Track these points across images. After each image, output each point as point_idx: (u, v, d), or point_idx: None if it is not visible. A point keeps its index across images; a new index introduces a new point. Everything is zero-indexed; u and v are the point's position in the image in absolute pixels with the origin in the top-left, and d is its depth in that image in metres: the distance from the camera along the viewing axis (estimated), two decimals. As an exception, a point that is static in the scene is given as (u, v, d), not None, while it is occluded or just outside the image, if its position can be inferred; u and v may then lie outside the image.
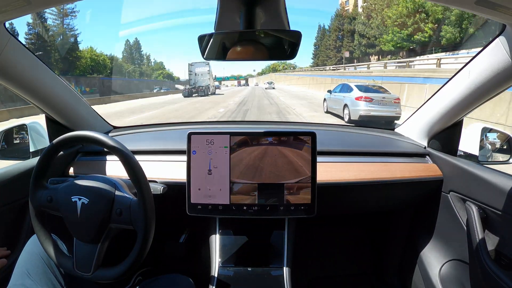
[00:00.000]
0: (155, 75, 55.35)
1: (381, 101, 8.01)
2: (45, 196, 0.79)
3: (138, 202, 0.75)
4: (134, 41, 48.11)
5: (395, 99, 8.24)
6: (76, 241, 0.78)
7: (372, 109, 7.88)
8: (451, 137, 1.12)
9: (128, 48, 47.11)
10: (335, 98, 9.51)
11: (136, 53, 49.28)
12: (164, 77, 58.61)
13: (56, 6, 1.71)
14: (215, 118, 10.21)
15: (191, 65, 23.43)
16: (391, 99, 8.17)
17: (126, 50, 46.99)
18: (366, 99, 7.96)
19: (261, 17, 0.76)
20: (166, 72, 60.44)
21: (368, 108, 7.89)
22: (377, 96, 8.12)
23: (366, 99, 7.96)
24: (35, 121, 1.22)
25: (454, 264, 1.07)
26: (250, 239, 1.06)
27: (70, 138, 0.79)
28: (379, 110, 7.90)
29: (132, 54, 47.56)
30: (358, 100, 8.03)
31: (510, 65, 0.77)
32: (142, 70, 49.03)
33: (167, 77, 59.85)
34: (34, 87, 0.97)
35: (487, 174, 0.93)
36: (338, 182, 1.06)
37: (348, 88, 8.87)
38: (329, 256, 1.55)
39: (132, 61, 46.94)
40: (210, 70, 23.59)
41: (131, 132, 1.40)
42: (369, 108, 7.89)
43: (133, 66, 43.88)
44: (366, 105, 7.91)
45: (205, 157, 0.93)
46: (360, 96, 8.09)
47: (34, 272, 0.82)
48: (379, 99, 8.03)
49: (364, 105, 7.92)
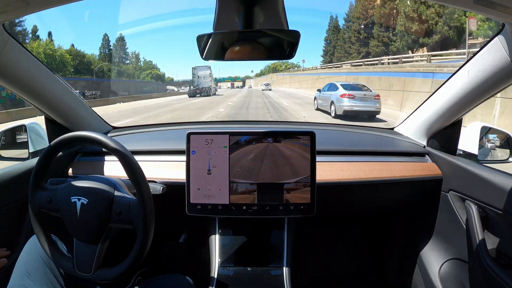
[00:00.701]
0: (143, 75, 49.40)
1: (362, 97, 9.15)
2: (45, 197, 0.79)
3: (137, 201, 0.75)
4: (118, 37, 41.62)
5: (375, 96, 9.38)
6: (76, 242, 0.78)
7: (355, 105, 9.00)
8: (450, 136, 1.12)
9: (105, 43, 40.22)
10: (324, 96, 10.59)
11: (120, 51, 42.92)
12: (153, 77, 52.98)
13: (55, 7, 1.70)
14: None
15: (195, 69, 26.13)
16: (371, 95, 9.32)
17: (104, 46, 39.92)
18: (349, 96, 9.07)
19: (260, 17, 0.76)
20: (155, 71, 54.68)
21: (351, 104, 9.00)
22: (359, 93, 9.26)
23: (349, 96, 9.07)
24: (35, 122, 1.22)
25: (454, 263, 1.07)
26: (249, 238, 1.06)
27: (69, 138, 0.79)
28: (360, 105, 9.03)
29: (111, 51, 40.79)
30: (343, 97, 9.14)
31: (509, 64, 0.77)
32: (122, 69, 41.52)
33: (155, 78, 54.34)
34: (33, 87, 0.97)
35: (487, 173, 0.93)
36: (337, 182, 1.06)
37: (334, 87, 9.97)
38: (329, 256, 1.55)
39: (110, 59, 39.62)
40: (211, 73, 26.07)
41: (130, 132, 1.40)
42: (352, 104, 9.00)
43: (104, 63, 36.24)
44: (349, 101, 9.01)
45: (205, 157, 0.93)
46: (344, 93, 9.19)
47: (34, 272, 0.82)
48: (361, 96, 9.18)
49: (348, 101, 9.02)
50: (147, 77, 49.30)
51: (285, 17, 0.80)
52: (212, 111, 12.65)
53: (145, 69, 50.62)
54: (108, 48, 39.83)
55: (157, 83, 52.19)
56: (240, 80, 68.35)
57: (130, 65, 44.49)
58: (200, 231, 1.18)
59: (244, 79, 69.27)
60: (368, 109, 9.14)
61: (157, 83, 52.19)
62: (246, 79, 68.71)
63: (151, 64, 54.39)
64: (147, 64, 53.09)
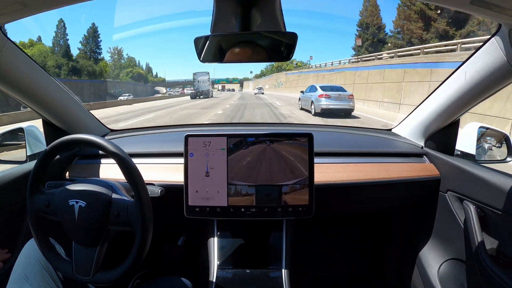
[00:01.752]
0: (122, 74, 42.07)
1: (337, 97, 10.42)
2: (43, 201, 0.79)
3: (135, 203, 0.75)
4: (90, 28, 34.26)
5: (349, 95, 10.75)
6: (75, 245, 0.78)
7: (331, 104, 10.29)
8: (448, 136, 1.13)
9: (61, 32, 31.25)
10: (305, 97, 11.91)
11: (91, 43, 34.62)
12: (133, 77, 44.37)
13: (52, 9, 1.69)
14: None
15: (195, 74, 29.67)
16: (345, 95, 10.68)
17: (59, 35, 30.96)
18: (325, 96, 10.34)
19: (257, 19, 0.77)
20: (137, 70, 45.65)
21: (327, 102, 10.28)
22: (334, 93, 10.54)
23: (325, 96, 10.34)
24: (32, 125, 1.21)
25: (453, 263, 1.07)
26: (248, 240, 1.06)
27: (67, 141, 0.79)
28: (335, 104, 10.32)
29: (67, 41, 32.13)
30: (320, 97, 10.39)
31: (505, 64, 0.78)
32: (79, 65, 31.12)
33: (136, 77, 45.13)
34: (31, 90, 0.97)
35: (484, 173, 0.93)
36: (335, 183, 1.06)
37: (314, 89, 11.32)
38: (328, 257, 1.55)
39: (67, 52, 31.39)
40: (209, 78, 29.78)
41: (128, 135, 1.39)
42: (328, 102, 10.28)
43: (57, 57, 28.62)
44: (326, 101, 10.31)
45: (203, 159, 0.93)
46: (321, 94, 10.44)
47: (32, 276, 0.81)
48: (336, 96, 10.45)
49: (324, 101, 10.31)
50: (125, 77, 42.32)
51: (282, 19, 0.80)
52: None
53: (126, 66, 43.87)
54: (64, 38, 32.23)
55: (137, 84, 44.59)
56: (238, 82, 63.71)
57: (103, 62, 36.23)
58: (199, 234, 1.18)
59: (242, 81, 64.89)
60: (343, 107, 10.39)
61: (137, 84, 44.59)
62: (244, 81, 64.69)
63: (133, 61, 46.65)
64: (129, 61, 45.65)
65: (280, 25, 0.81)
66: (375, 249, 1.51)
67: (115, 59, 42.92)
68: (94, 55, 35.82)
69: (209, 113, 12.80)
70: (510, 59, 0.76)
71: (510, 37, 0.73)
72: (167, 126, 1.55)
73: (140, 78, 46.72)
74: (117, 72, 42.05)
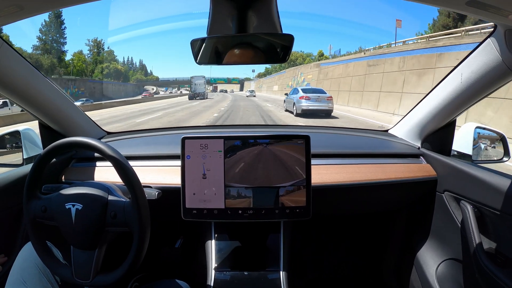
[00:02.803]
0: (98, 70, 35.35)
1: (317, 99, 11.26)
2: (39, 206, 0.79)
3: (131, 203, 0.75)
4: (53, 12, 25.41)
5: (328, 97, 11.64)
6: (74, 249, 0.78)
7: (310, 105, 11.09)
8: (444, 137, 1.13)
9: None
10: (289, 99, 12.87)
11: (54, 30, 27.89)
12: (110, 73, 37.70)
13: (48, 12, 1.68)
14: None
15: (192, 78, 32.36)
16: (324, 97, 11.55)
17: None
18: (306, 98, 11.22)
19: (253, 21, 0.77)
20: (114, 65, 38.56)
21: (307, 104, 11.10)
22: (314, 95, 11.38)
23: (306, 98, 11.22)
24: (29, 128, 1.21)
25: (451, 263, 1.07)
26: (246, 242, 1.06)
27: (63, 144, 0.79)
28: (315, 105, 11.14)
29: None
30: (301, 99, 11.28)
31: (501, 65, 0.78)
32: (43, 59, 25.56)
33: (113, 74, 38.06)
34: (27, 93, 0.96)
35: (481, 173, 0.93)
36: (332, 184, 1.06)
37: (297, 91, 12.20)
38: (326, 258, 1.55)
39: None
40: (205, 81, 32.62)
41: (125, 137, 1.39)
42: (308, 104, 11.10)
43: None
44: (306, 102, 11.16)
45: (199, 161, 0.93)
46: (302, 96, 11.37)
47: (30, 280, 0.81)
48: (315, 98, 11.28)
49: (305, 102, 11.16)
50: (98, 74, 35.73)
51: (278, 21, 0.80)
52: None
53: (101, 61, 37.10)
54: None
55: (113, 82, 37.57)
56: (238, 82, 62.32)
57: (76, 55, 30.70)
58: (196, 236, 1.17)
59: (242, 81, 63.08)
60: (322, 108, 11.25)
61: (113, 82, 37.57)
62: (245, 81, 62.68)
63: (112, 55, 39.74)
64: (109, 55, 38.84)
65: (276, 27, 0.81)
66: (373, 250, 1.51)
67: (94, 53, 36.88)
68: (57, 46, 29.86)
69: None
70: (505, 60, 0.77)
71: (505, 38, 0.74)
72: (164, 128, 1.54)
73: (118, 75, 39.52)
74: (92, 68, 35.07)
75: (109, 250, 0.81)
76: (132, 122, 11.68)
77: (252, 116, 12.66)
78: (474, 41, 10.43)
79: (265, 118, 11.75)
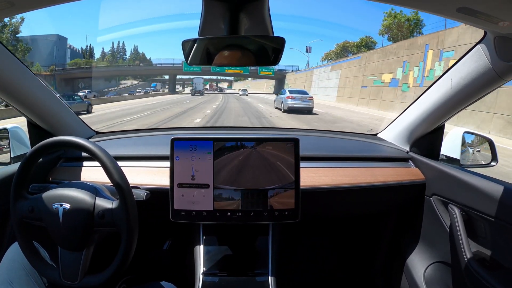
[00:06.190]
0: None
1: (300, 98, 13.56)
2: (26, 206, 0.78)
3: (119, 203, 0.75)
4: None
5: (309, 97, 14.03)
6: (61, 251, 0.77)
7: (294, 103, 13.36)
8: (433, 141, 1.15)
9: None
10: (279, 98, 15.28)
11: None
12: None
13: (39, 8, 1.65)
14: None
15: (193, 78, 41.74)
16: (306, 97, 13.90)
17: None
18: (291, 98, 13.56)
19: (245, 23, 0.77)
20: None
21: (292, 102, 13.42)
22: (298, 95, 13.76)
23: (291, 98, 13.56)
24: (17, 126, 1.18)
25: (439, 266, 1.08)
26: (234, 245, 1.05)
27: (51, 143, 0.78)
28: (298, 103, 13.37)
29: None
30: (288, 98, 13.58)
31: (490, 71, 0.80)
32: None
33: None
34: (16, 90, 0.95)
35: (469, 178, 0.95)
36: (321, 187, 1.06)
37: (285, 92, 14.57)
38: (315, 261, 1.55)
39: None
40: (203, 81, 41.51)
41: (114, 137, 1.37)
42: (292, 102, 13.42)
43: None
44: (291, 101, 13.48)
45: (189, 163, 0.92)
46: (288, 95, 13.72)
47: (16, 281, 0.80)
48: (299, 97, 13.60)
49: (290, 101, 13.48)
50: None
51: (270, 23, 0.81)
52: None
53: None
54: None
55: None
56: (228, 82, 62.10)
57: None
58: (185, 238, 1.16)
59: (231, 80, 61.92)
60: (304, 106, 13.37)
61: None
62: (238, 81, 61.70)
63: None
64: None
65: (268, 30, 0.82)
66: (362, 252, 1.52)
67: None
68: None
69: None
70: (494, 66, 0.78)
71: (495, 44, 0.75)
72: (154, 129, 1.54)
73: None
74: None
75: (97, 251, 0.80)
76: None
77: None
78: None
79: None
